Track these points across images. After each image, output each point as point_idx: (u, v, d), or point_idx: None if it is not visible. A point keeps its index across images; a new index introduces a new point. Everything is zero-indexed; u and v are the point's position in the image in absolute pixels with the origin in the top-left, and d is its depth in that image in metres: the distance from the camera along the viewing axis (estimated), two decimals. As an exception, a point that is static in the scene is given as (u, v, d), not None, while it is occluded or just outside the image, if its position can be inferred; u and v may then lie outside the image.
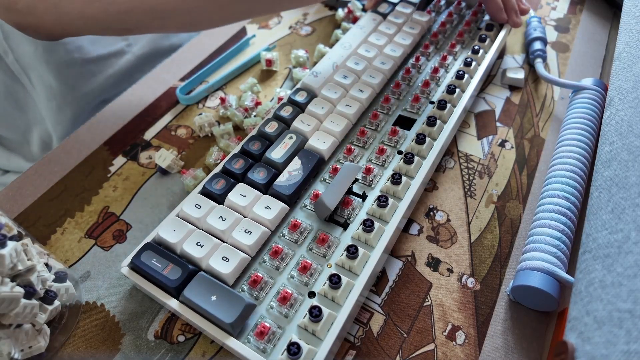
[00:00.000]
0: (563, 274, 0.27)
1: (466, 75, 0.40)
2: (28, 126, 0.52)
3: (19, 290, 0.24)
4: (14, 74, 0.47)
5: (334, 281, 0.27)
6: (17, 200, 0.36)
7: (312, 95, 0.38)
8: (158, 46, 0.55)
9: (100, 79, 0.51)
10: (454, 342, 0.28)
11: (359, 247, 0.28)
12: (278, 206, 0.30)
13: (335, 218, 0.31)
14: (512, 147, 0.40)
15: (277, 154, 0.34)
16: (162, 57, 0.49)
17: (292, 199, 0.31)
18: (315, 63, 0.48)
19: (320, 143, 0.34)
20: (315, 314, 0.25)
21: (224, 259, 0.28)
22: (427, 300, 0.30)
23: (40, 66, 0.47)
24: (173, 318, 0.30)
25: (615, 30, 0.52)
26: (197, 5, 0.34)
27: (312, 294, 0.27)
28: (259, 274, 0.28)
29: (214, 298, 0.26)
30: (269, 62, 0.46)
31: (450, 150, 0.39)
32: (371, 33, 0.44)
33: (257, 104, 0.42)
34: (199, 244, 0.29)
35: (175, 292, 0.27)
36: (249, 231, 0.29)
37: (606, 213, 0.24)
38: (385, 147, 0.34)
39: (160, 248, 0.28)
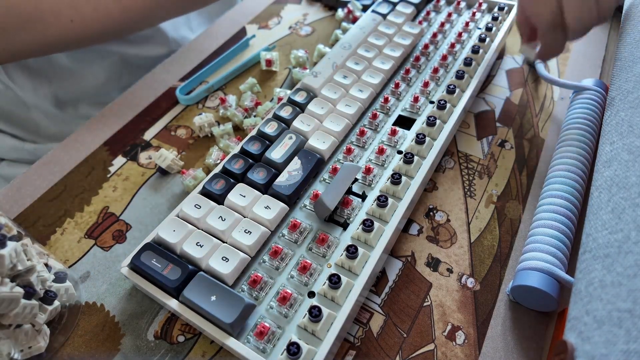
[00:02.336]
0: (563, 274, 0.27)
1: (466, 75, 0.40)
2: (12, 118, 0.52)
3: (19, 290, 0.24)
4: None
5: (334, 281, 0.27)
6: (17, 200, 0.36)
7: (311, 95, 0.38)
8: (149, 53, 0.55)
9: (86, 75, 0.51)
10: (454, 342, 0.28)
11: (358, 247, 0.28)
12: (278, 206, 0.30)
13: (335, 218, 0.31)
14: (511, 148, 0.40)
15: (276, 154, 0.34)
16: (155, 64, 0.49)
17: (291, 199, 0.31)
18: (315, 63, 0.48)
19: (320, 143, 0.34)
20: (315, 314, 0.25)
21: (224, 259, 0.28)
22: (426, 300, 0.30)
23: (25, 60, 0.47)
24: (173, 318, 0.30)
25: (614, 31, 0.52)
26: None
27: (311, 294, 0.27)
28: (258, 274, 0.28)
29: (213, 298, 0.26)
30: (269, 63, 0.46)
31: (450, 150, 0.39)
32: (371, 33, 0.44)
33: (257, 104, 0.42)
34: (198, 244, 0.29)
35: (175, 292, 0.27)
36: (248, 231, 0.29)
37: (606, 213, 0.24)
38: (385, 147, 0.34)
39: (160, 248, 0.28)
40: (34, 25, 0.37)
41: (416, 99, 0.38)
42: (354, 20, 0.52)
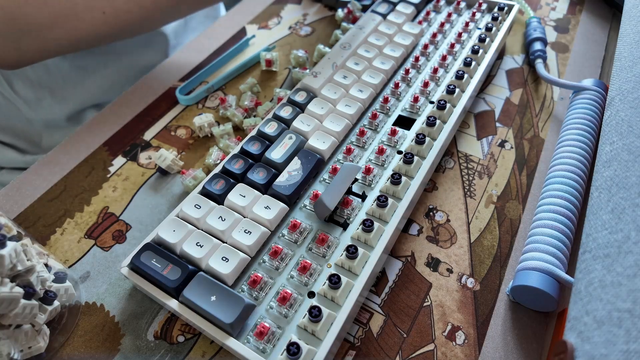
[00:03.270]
0: (562, 274, 0.27)
1: (466, 75, 0.40)
2: (12, 130, 0.52)
3: (19, 290, 0.24)
4: None
5: (334, 281, 0.27)
6: (17, 200, 0.36)
7: (311, 95, 0.38)
8: (151, 60, 0.55)
9: (92, 80, 0.51)
10: (454, 343, 0.28)
11: (358, 247, 0.28)
12: (278, 206, 0.30)
13: (335, 218, 0.31)
14: (511, 148, 0.40)
15: (276, 154, 0.34)
16: (155, 65, 0.49)
17: (291, 199, 0.31)
18: (314, 63, 0.48)
19: (320, 143, 0.34)
20: (314, 314, 0.25)
21: (224, 259, 0.28)
22: (426, 300, 0.30)
23: (25, 72, 0.47)
24: (173, 318, 0.30)
25: (614, 31, 0.52)
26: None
27: (311, 294, 0.27)
28: (258, 274, 0.28)
29: (213, 298, 0.26)
30: (269, 63, 0.46)
31: (450, 150, 0.39)
32: (371, 33, 0.44)
33: (257, 104, 0.42)
34: (198, 244, 0.29)
35: (175, 292, 0.27)
36: (248, 231, 0.29)
37: (606, 213, 0.24)
38: (384, 147, 0.34)
39: (159, 248, 0.28)
40: (67, 19, 0.36)
41: (416, 99, 0.38)
42: (354, 20, 0.52)
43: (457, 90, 0.38)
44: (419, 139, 0.34)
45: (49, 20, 0.36)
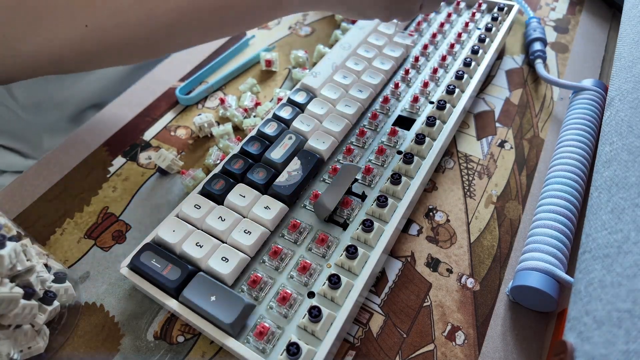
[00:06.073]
0: (562, 274, 0.27)
1: (465, 76, 0.40)
2: (13, 134, 0.52)
3: (18, 290, 0.24)
4: None
5: (334, 281, 0.27)
6: (17, 200, 0.36)
7: (311, 95, 0.38)
8: None
9: (88, 81, 0.51)
10: (454, 343, 0.28)
11: (358, 247, 0.28)
12: (277, 206, 0.30)
13: (335, 218, 0.31)
14: (511, 148, 0.40)
15: (276, 154, 0.34)
16: (155, 65, 0.49)
17: (291, 199, 0.31)
18: (314, 63, 0.48)
19: (320, 143, 0.34)
20: (314, 314, 0.25)
21: (224, 259, 0.28)
22: (426, 300, 0.30)
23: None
24: (172, 318, 0.30)
25: (614, 31, 0.52)
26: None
27: (311, 294, 0.27)
28: (258, 274, 0.28)
29: (213, 298, 0.26)
30: (269, 63, 0.46)
31: (450, 150, 0.39)
32: (370, 33, 0.44)
33: (257, 104, 0.42)
34: (198, 244, 0.29)
35: (175, 292, 0.27)
36: (248, 231, 0.29)
37: (606, 213, 0.24)
38: (384, 147, 0.34)
39: (159, 248, 0.28)
40: (43, 24, 0.30)
41: (416, 99, 0.38)
42: (354, 20, 0.52)
43: (457, 90, 0.38)
44: (419, 139, 0.34)
45: (23, 23, 0.30)
